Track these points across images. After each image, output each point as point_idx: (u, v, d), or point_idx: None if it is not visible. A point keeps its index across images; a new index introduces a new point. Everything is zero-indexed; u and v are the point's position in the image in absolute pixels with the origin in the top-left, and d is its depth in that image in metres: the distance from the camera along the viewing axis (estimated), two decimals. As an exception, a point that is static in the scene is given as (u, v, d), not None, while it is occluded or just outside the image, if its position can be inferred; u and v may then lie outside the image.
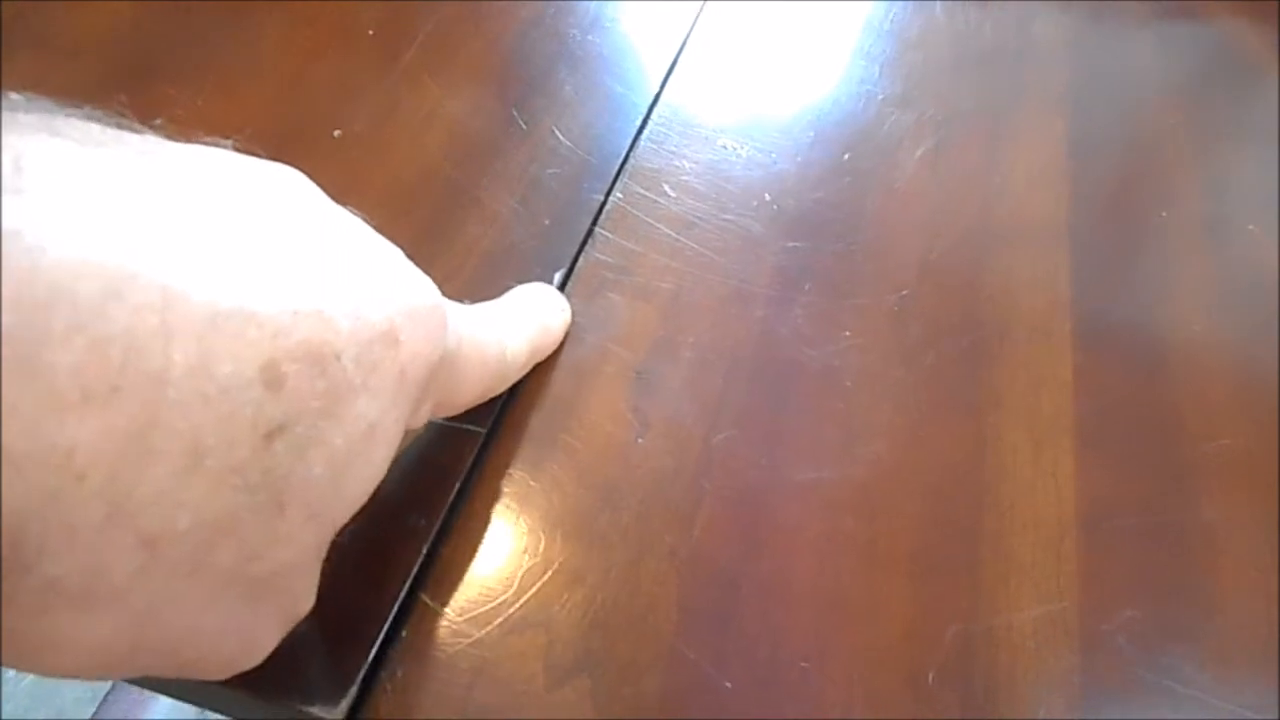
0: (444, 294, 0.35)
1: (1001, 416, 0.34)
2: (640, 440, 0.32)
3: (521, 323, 0.31)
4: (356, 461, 0.19)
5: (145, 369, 0.14)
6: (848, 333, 0.36)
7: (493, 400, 0.30)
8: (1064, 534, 0.32)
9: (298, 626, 0.22)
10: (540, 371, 0.33)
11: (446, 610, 0.27)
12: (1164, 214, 0.43)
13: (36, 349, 0.13)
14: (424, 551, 0.28)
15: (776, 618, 0.28)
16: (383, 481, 0.22)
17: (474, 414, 0.30)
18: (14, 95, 0.17)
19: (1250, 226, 0.43)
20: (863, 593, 0.29)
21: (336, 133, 0.40)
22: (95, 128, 0.17)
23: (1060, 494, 0.32)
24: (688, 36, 0.47)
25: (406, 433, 0.23)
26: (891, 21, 0.51)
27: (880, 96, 0.46)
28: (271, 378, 0.16)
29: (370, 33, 0.44)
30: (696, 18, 0.48)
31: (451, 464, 0.30)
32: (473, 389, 0.27)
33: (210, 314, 0.15)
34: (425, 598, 0.28)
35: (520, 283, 0.35)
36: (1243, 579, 0.31)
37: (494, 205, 0.38)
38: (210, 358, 0.15)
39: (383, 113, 0.41)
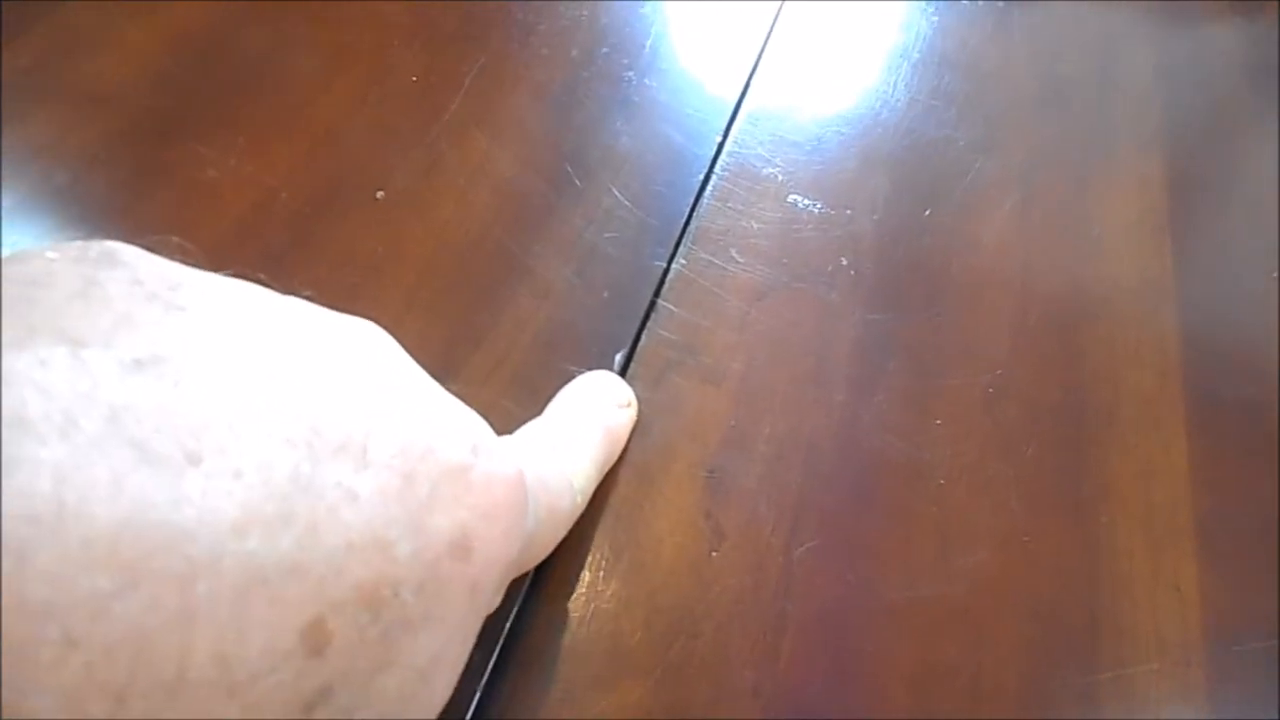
0: (492, 382, 0.33)
1: (1114, 515, 0.31)
2: (714, 554, 0.29)
3: (586, 443, 0.27)
4: (413, 703, 0.16)
5: (158, 676, 0.11)
6: (939, 420, 0.32)
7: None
8: (1190, 657, 0.28)
9: None
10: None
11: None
12: (1274, 274, 0.39)
13: (21, 677, 0.10)
14: (476, 694, 0.25)
15: (874, 769, 0.25)
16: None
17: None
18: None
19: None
20: (968, 735, 0.26)
21: (380, 194, 0.37)
22: (171, 273, 0.15)
23: (1185, 609, 0.29)
24: (750, 78, 0.44)
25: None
26: (968, 53, 0.47)
27: (961, 142, 0.42)
28: (315, 641, 0.13)
29: (413, 79, 0.41)
30: (759, 56, 0.45)
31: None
32: (542, 551, 0.24)
33: (245, 578, 0.12)
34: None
35: (576, 365, 0.32)
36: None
37: (547, 275, 0.35)
38: (241, 635, 0.12)
39: (426, 168, 0.38)
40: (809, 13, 0.48)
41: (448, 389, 0.31)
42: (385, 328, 0.31)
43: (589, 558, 0.28)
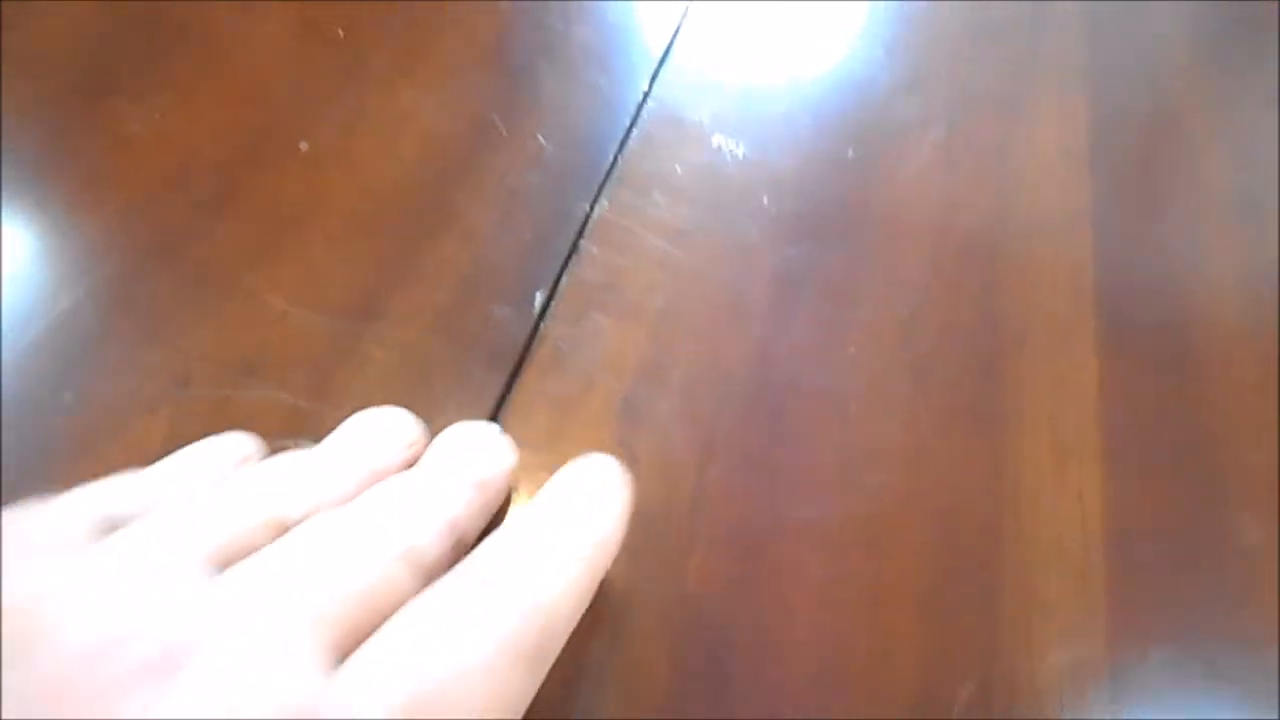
0: (415, 321, 0.33)
1: (1022, 432, 0.32)
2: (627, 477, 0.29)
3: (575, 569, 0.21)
4: None
5: None
6: (852, 348, 0.33)
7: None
8: (1091, 563, 0.29)
9: None
10: (523, 402, 0.31)
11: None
12: (1192, 196, 0.40)
13: None
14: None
15: (775, 674, 0.26)
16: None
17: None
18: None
19: (1290, 210, 0.40)
20: (870, 641, 0.27)
21: (304, 145, 0.37)
22: None
23: (1086, 517, 0.30)
24: (679, 25, 0.44)
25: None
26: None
27: (886, 81, 0.43)
28: None
29: (340, 32, 0.42)
30: (689, 5, 0.45)
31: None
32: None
33: None
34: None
35: (499, 305, 0.33)
36: (1290, 612, 0.28)
37: (471, 220, 0.36)
38: None
39: (352, 120, 0.39)
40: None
41: (371, 329, 0.32)
42: (309, 272, 0.32)
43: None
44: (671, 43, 0.43)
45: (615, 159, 0.38)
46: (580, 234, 0.36)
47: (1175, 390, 0.33)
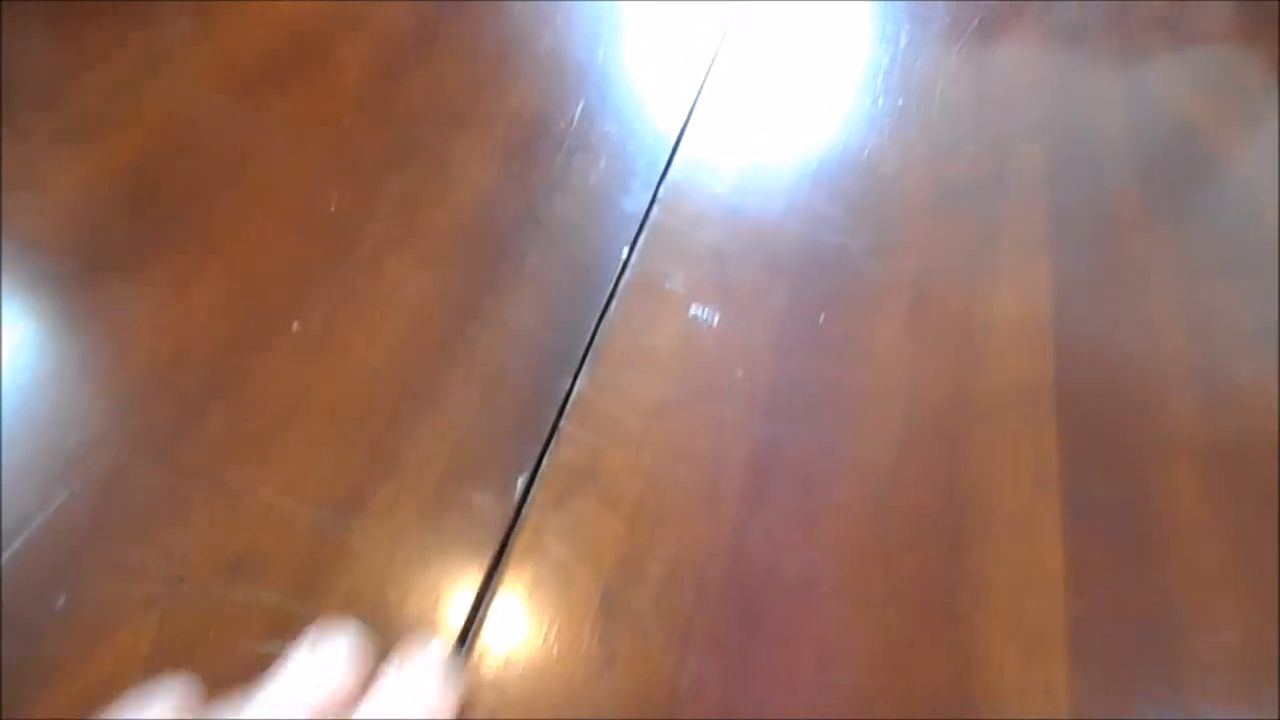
0: (398, 513, 0.33)
1: (989, 625, 0.32)
2: (605, 676, 0.30)
3: None
4: None
5: None
6: (825, 534, 0.34)
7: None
8: (1058, 761, 0.30)
9: None
10: (503, 599, 0.32)
11: None
12: (1150, 364, 0.42)
13: None
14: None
15: None
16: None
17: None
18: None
19: (1242, 377, 0.41)
20: None
21: (295, 325, 0.39)
22: None
23: (1054, 710, 0.31)
24: (655, 193, 0.46)
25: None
26: (866, 157, 0.50)
27: (855, 246, 0.45)
28: None
29: (331, 209, 0.43)
30: (664, 172, 0.47)
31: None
32: None
33: None
34: None
35: (481, 492, 0.34)
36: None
37: (455, 401, 0.37)
38: None
39: (342, 298, 0.40)
40: (713, 128, 0.51)
41: (356, 522, 0.33)
42: (297, 464, 0.33)
43: (485, 684, 0.30)
44: (649, 210, 0.45)
45: (594, 333, 0.40)
46: (560, 414, 0.37)
47: (1137, 576, 0.34)
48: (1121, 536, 0.35)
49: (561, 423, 0.37)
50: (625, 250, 0.43)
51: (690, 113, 0.51)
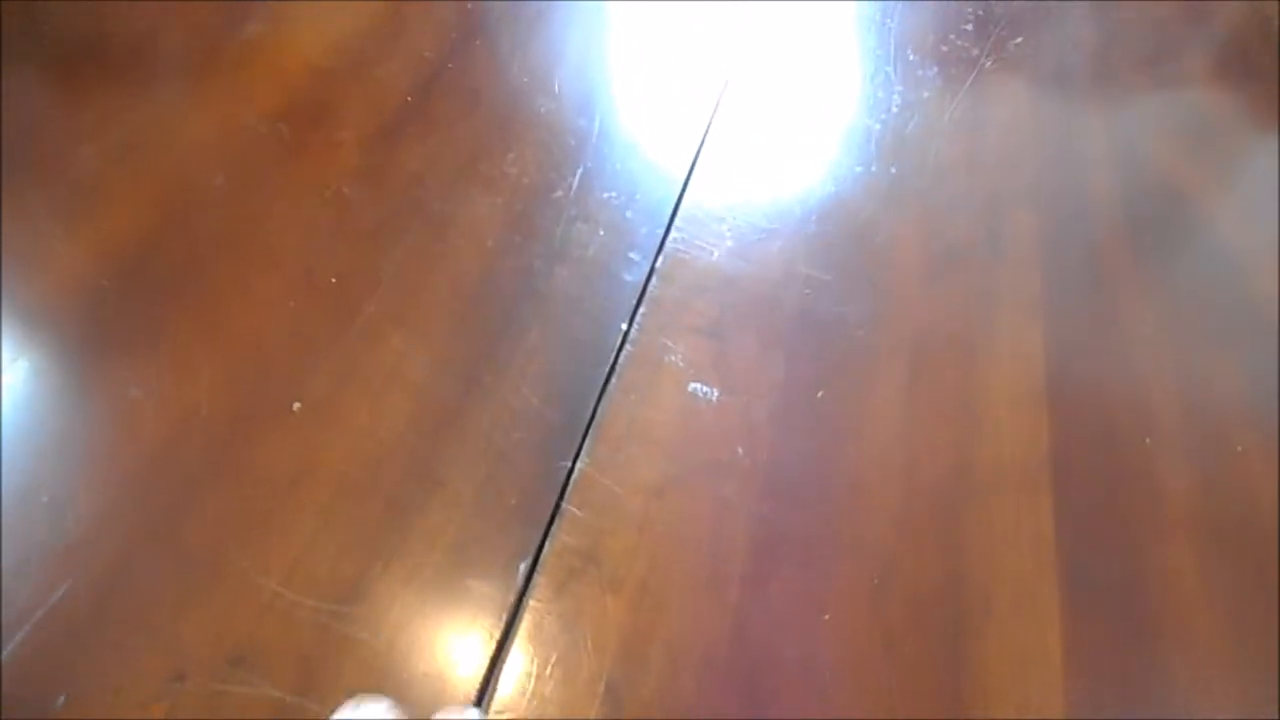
0: (400, 602, 0.33)
1: (989, 709, 0.33)
2: (609, 776, 0.30)
3: None
4: None
5: None
6: (827, 616, 0.34)
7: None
8: None
9: None
10: (506, 691, 0.32)
11: None
12: (1145, 433, 0.42)
13: None
14: None
15: None
16: None
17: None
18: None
19: (1239, 448, 0.42)
20: None
21: (296, 405, 0.39)
22: None
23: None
24: (653, 265, 0.47)
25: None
26: (861, 223, 0.51)
27: (851, 315, 0.45)
28: None
29: (332, 280, 0.44)
30: (661, 244, 0.48)
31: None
32: None
33: None
34: None
35: (481, 580, 0.34)
36: None
37: (458, 485, 0.37)
38: None
39: (344, 373, 0.40)
40: (709, 194, 0.51)
41: (357, 612, 0.33)
42: (298, 551, 0.33)
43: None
44: (647, 282, 0.46)
45: (595, 410, 0.40)
46: (562, 495, 0.37)
47: (1136, 655, 0.35)
48: (1119, 614, 0.36)
49: (563, 503, 0.37)
50: (624, 324, 0.44)
51: (687, 180, 0.52)
